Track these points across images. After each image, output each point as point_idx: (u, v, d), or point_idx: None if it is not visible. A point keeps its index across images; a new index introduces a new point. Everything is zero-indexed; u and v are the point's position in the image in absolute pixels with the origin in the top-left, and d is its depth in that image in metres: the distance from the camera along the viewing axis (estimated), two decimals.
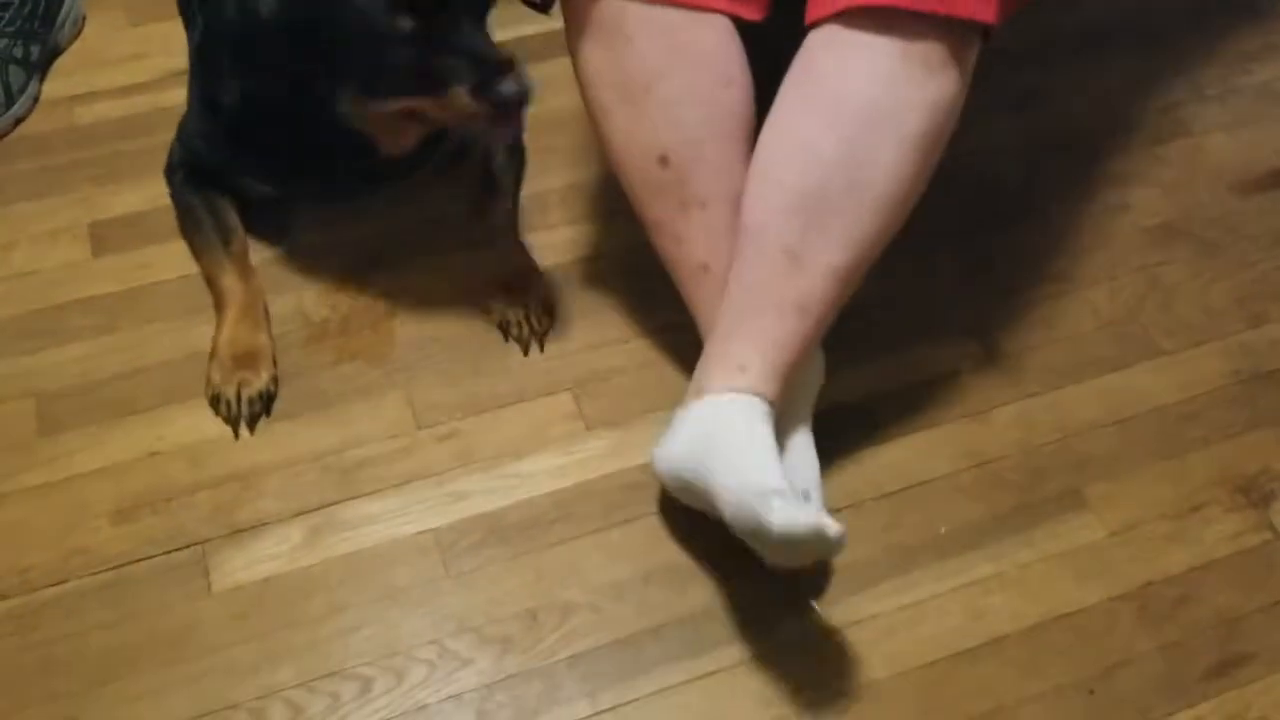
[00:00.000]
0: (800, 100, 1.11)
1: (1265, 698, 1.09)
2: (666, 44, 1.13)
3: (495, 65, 1.15)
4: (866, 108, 1.07)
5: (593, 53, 1.17)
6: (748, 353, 1.09)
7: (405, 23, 1.13)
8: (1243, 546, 1.19)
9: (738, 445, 1.05)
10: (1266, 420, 1.29)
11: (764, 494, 0.99)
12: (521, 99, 1.16)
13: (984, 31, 1.10)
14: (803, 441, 1.17)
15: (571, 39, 1.19)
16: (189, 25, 1.45)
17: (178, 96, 1.43)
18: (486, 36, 1.19)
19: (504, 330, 1.35)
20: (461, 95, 1.15)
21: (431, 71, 1.16)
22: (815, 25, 1.10)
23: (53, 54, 1.67)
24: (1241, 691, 1.09)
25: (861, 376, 1.30)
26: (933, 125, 1.09)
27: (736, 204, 1.14)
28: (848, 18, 1.08)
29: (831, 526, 0.97)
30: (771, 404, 1.09)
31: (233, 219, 1.37)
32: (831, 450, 1.21)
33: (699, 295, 1.19)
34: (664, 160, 1.15)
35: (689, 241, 1.17)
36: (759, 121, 1.15)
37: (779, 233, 1.10)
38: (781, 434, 1.14)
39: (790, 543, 0.99)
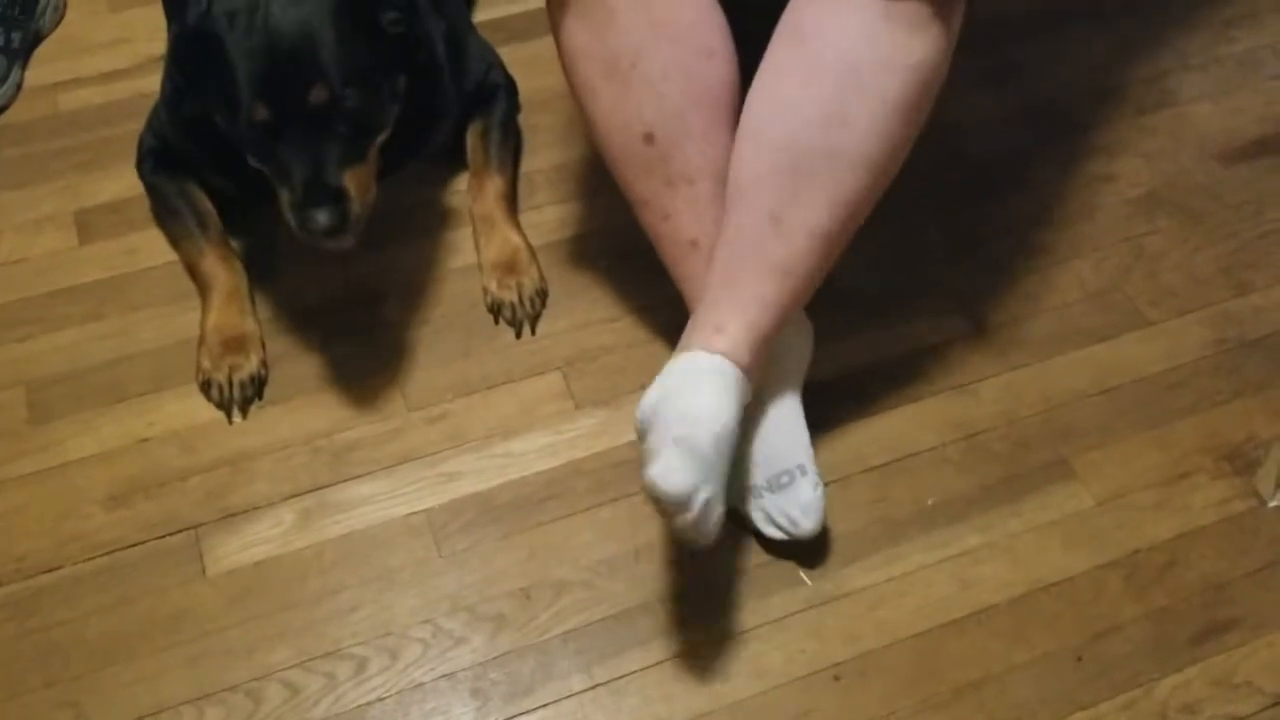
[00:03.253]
0: (784, 59, 1.11)
1: (1251, 661, 1.10)
2: (647, 19, 1.13)
3: (317, 193, 1.14)
4: (847, 68, 1.07)
5: (576, 30, 1.16)
6: (727, 314, 1.09)
7: (261, 112, 1.14)
8: (1229, 513, 1.20)
9: (684, 398, 1.03)
10: (1251, 388, 1.29)
11: (663, 444, 0.99)
12: (326, 233, 1.15)
13: None
14: (792, 415, 1.17)
15: (554, 15, 1.18)
16: (170, 17, 1.44)
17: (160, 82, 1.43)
18: (339, 161, 1.16)
19: (496, 313, 1.35)
20: (284, 200, 1.17)
21: (276, 163, 1.17)
22: None
23: (34, 41, 1.66)
24: (1228, 656, 1.10)
25: (848, 350, 1.31)
26: (915, 87, 1.08)
27: (722, 178, 1.14)
28: None
29: (674, 484, 0.96)
30: (745, 371, 1.07)
31: (207, 204, 1.37)
32: (819, 424, 1.22)
33: (687, 271, 1.18)
34: (649, 137, 1.14)
35: (676, 217, 1.17)
36: (747, 83, 1.15)
37: (763, 194, 1.10)
38: (771, 408, 1.15)
39: (653, 499, 0.99)
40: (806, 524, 1.12)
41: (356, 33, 1.16)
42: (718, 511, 1.01)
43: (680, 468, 0.97)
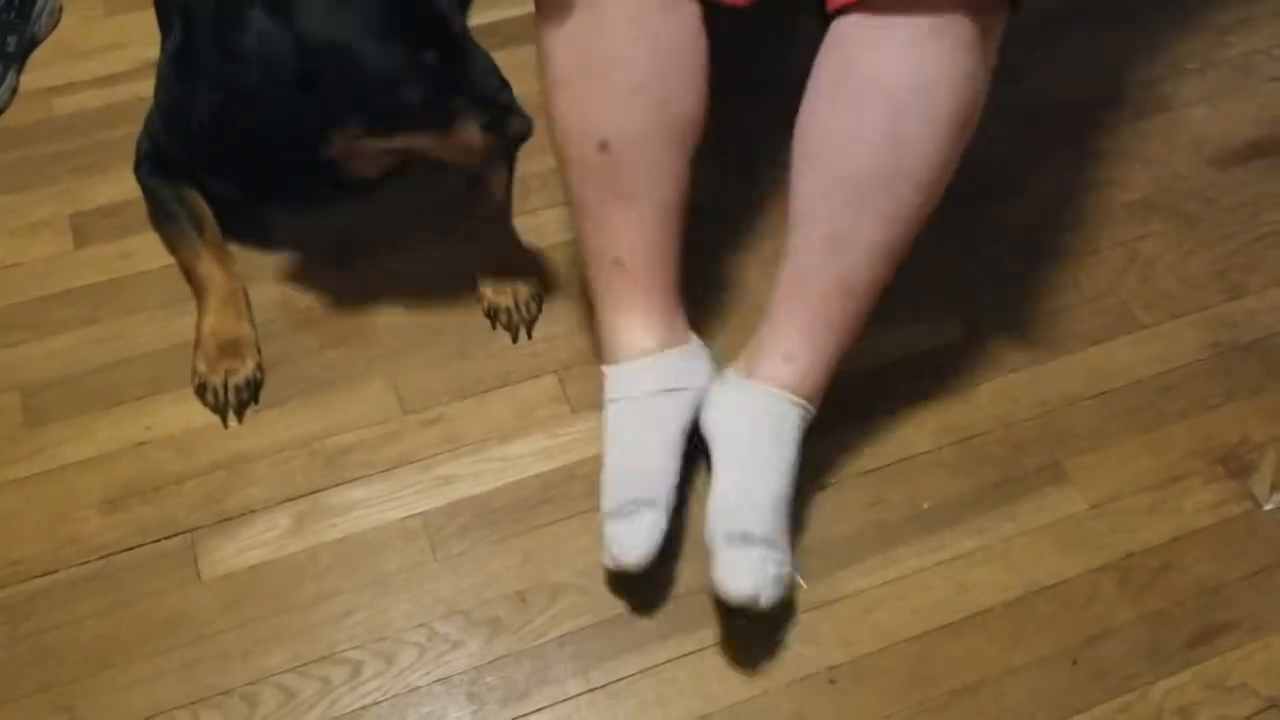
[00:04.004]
0: (835, 87, 1.10)
1: (1246, 664, 1.10)
2: (636, 29, 1.13)
3: (504, 105, 1.18)
4: (899, 91, 1.08)
5: (561, 20, 1.14)
6: (796, 340, 1.12)
7: (429, 57, 1.14)
8: (1223, 516, 1.20)
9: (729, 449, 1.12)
10: (1245, 391, 1.30)
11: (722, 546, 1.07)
12: (525, 136, 1.20)
13: (1013, 1, 1.11)
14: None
15: (543, 3, 1.17)
16: (165, 29, 1.44)
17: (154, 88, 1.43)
18: (495, 73, 1.20)
19: (493, 318, 1.35)
20: (473, 133, 1.18)
21: (441, 108, 1.17)
22: (841, 11, 1.09)
23: (30, 45, 1.66)
24: (1223, 659, 1.11)
25: (844, 355, 1.30)
26: (964, 103, 1.10)
27: (663, 206, 1.16)
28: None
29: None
30: (808, 408, 1.13)
31: (203, 207, 1.36)
32: (814, 428, 1.22)
33: (605, 286, 1.19)
34: (604, 145, 1.14)
35: (609, 232, 1.17)
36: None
37: (825, 219, 1.11)
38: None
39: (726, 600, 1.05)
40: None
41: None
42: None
43: (744, 569, 1.05)
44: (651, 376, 1.16)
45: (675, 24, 1.13)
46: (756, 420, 1.12)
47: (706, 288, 1.36)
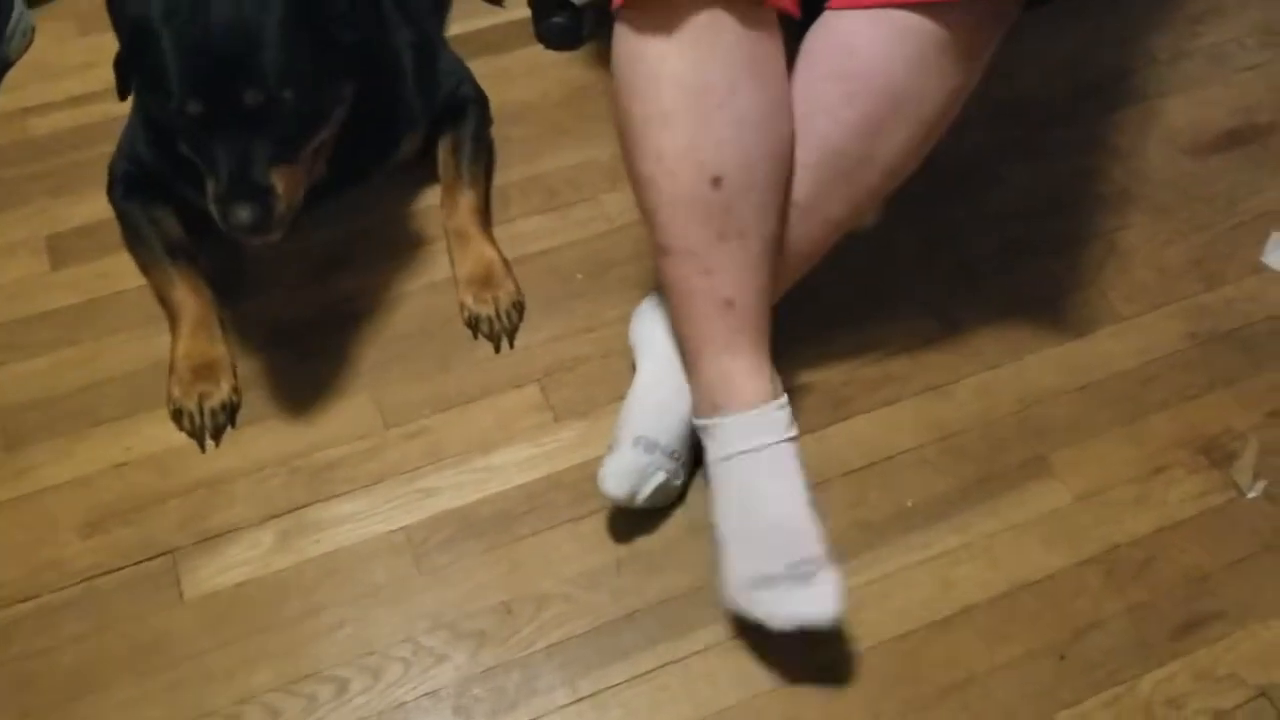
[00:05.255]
0: (830, 67, 1.10)
1: (1234, 653, 1.10)
2: (746, 54, 1.06)
3: (243, 188, 1.13)
4: (894, 88, 1.09)
5: (668, 52, 1.05)
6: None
7: (193, 107, 1.13)
8: (1206, 506, 1.20)
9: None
10: (1225, 380, 1.30)
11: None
12: (249, 229, 1.13)
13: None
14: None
15: (639, 34, 1.07)
16: None
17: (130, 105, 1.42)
18: (269, 159, 1.15)
19: (474, 327, 1.35)
20: (209, 192, 1.16)
21: (206, 154, 1.16)
22: (855, 7, 1.09)
23: (3, 66, 1.66)
24: (1211, 649, 1.11)
25: (824, 355, 1.31)
26: (951, 108, 1.13)
27: (771, 242, 1.11)
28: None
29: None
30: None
31: (177, 230, 1.36)
32: (797, 430, 1.22)
33: (713, 331, 1.11)
34: (718, 181, 1.06)
35: (719, 273, 1.09)
36: None
37: (791, 187, 1.12)
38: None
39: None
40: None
41: (300, 34, 1.15)
42: None
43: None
44: (784, 418, 1.11)
45: (775, 50, 1.09)
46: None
47: None
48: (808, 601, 1.04)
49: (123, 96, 1.25)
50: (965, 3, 1.06)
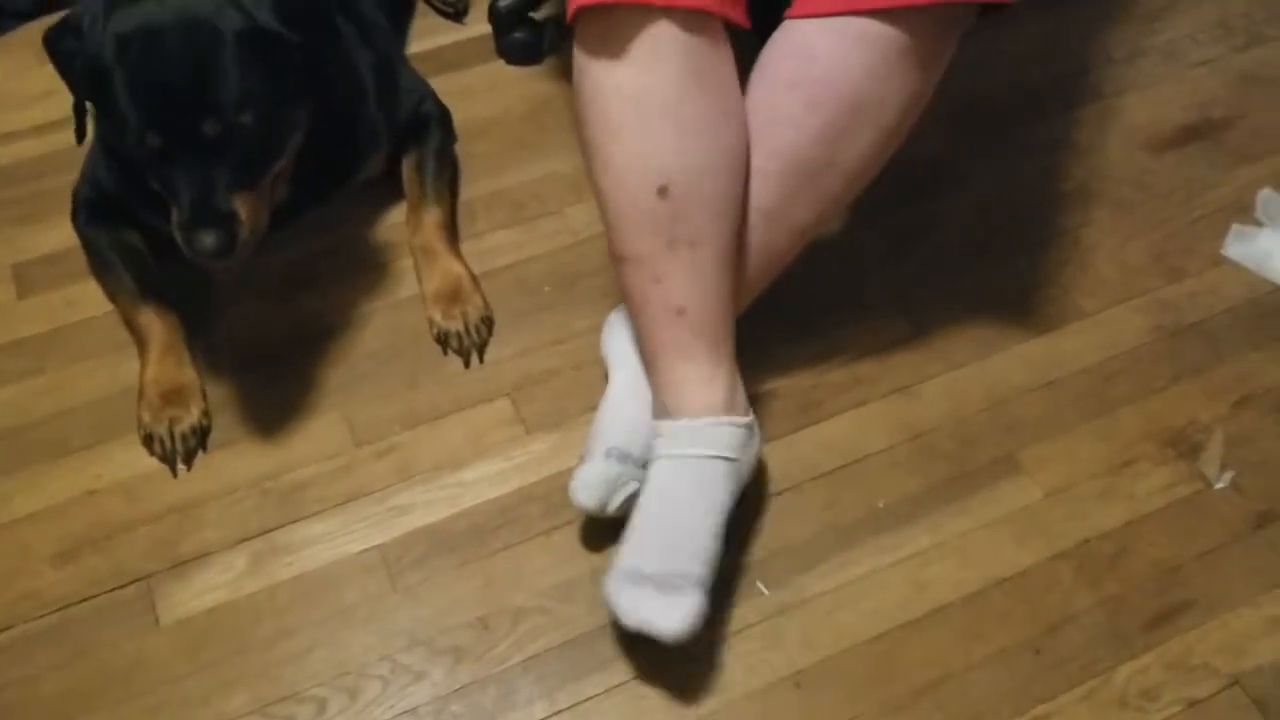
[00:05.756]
0: (791, 75, 1.11)
1: (1206, 643, 1.11)
2: (691, 66, 1.07)
3: (206, 214, 1.14)
4: (855, 95, 1.10)
5: (612, 66, 1.07)
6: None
7: (152, 140, 1.14)
8: (1175, 498, 1.21)
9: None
10: (1189, 373, 1.31)
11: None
12: (212, 255, 1.14)
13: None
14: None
15: (587, 49, 1.09)
16: None
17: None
18: (230, 185, 1.15)
19: (443, 343, 1.35)
20: (173, 219, 1.16)
21: (167, 183, 1.16)
22: (815, 15, 1.10)
23: None
24: (1183, 638, 1.12)
25: (792, 359, 1.32)
26: (912, 113, 1.14)
27: (723, 249, 1.12)
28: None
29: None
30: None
31: (142, 255, 1.36)
32: (767, 435, 1.23)
33: (667, 338, 1.13)
34: (664, 190, 1.08)
35: (668, 281, 1.11)
36: None
37: (756, 196, 1.13)
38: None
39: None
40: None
41: (254, 60, 1.15)
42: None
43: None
44: (726, 435, 1.11)
45: (721, 57, 1.10)
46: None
47: None
48: (661, 612, 1.04)
49: (80, 139, 1.25)
50: (923, 8, 1.07)
